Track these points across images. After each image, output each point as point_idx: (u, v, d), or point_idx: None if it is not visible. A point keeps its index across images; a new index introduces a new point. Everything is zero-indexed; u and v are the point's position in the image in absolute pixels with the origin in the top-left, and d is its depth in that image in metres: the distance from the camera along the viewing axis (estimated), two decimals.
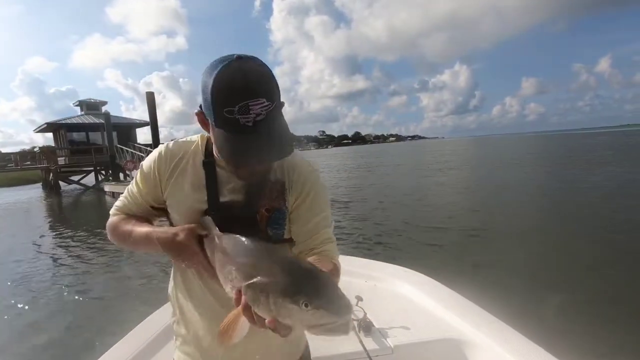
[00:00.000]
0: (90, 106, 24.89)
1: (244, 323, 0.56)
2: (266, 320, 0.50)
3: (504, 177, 14.21)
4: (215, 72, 0.63)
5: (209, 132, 0.73)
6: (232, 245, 0.65)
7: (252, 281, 0.53)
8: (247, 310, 0.53)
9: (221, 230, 0.70)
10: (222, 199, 0.76)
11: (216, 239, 0.69)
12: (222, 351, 0.79)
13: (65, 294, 4.70)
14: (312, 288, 0.49)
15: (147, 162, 0.81)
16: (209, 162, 0.77)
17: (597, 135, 72.50)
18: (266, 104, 0.64)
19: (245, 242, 0.64)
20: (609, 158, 19.07)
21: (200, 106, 0.70)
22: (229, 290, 0.61)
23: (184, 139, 0.82)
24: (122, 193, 0.86)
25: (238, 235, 0.66)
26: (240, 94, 0.63)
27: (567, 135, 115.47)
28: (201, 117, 0.72)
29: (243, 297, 0.54)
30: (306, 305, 0.47)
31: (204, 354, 0.82)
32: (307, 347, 0.94)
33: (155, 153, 0.81)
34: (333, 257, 0.79)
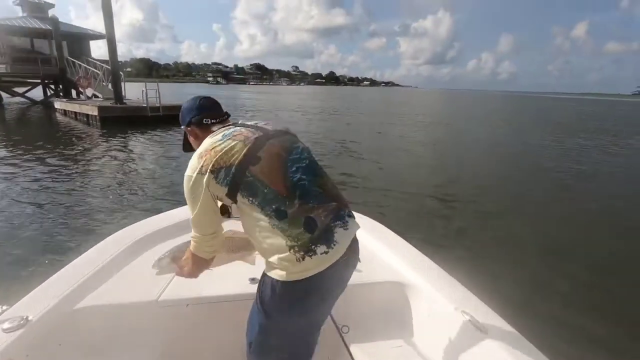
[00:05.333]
0: (33, 7, 21.59)
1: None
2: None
3: (477, 135, 14.64)
4: None
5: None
6: None
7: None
8: None
9: None
10: None
11: None
12: None
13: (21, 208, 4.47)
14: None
15: None
16: None
17: (560, 101, 75.34)
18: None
19: None
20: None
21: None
22: None
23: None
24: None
25: None
26: None
27: (535, 97, 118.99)
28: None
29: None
30: None
31: None
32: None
33: None
34: None
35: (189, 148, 1.18)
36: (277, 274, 0.93)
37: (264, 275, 0.99)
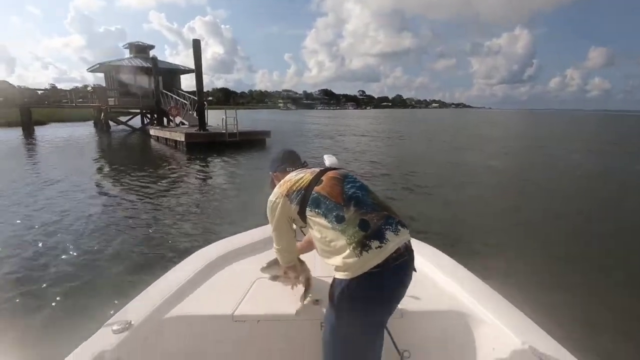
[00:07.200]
0: (139, 49, 25.37)
1: None
2: None
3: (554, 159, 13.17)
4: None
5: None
6: None
7: None
8: None
9: None
10: None
11: None
12: None
13: (111, 224, 5.02)
14: None
15: None
16: None
17: None
18: None
19: None
20: None
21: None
22: None
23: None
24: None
25: None
26: None
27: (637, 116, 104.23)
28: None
29: None
30: None
31: None
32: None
33: None
34: None
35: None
36: (343, 274, 1.08)
37: (333, 279, 1.13)
